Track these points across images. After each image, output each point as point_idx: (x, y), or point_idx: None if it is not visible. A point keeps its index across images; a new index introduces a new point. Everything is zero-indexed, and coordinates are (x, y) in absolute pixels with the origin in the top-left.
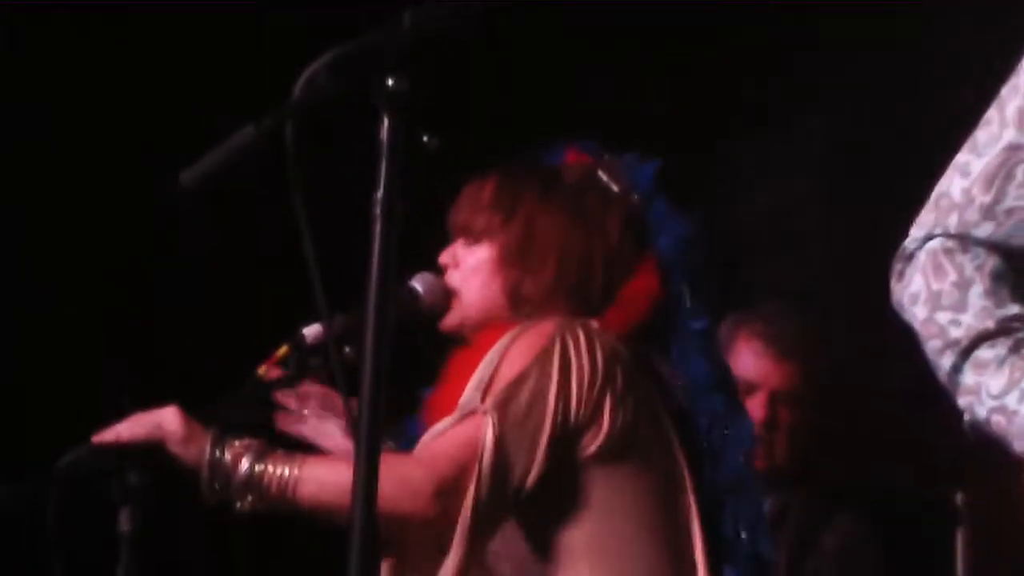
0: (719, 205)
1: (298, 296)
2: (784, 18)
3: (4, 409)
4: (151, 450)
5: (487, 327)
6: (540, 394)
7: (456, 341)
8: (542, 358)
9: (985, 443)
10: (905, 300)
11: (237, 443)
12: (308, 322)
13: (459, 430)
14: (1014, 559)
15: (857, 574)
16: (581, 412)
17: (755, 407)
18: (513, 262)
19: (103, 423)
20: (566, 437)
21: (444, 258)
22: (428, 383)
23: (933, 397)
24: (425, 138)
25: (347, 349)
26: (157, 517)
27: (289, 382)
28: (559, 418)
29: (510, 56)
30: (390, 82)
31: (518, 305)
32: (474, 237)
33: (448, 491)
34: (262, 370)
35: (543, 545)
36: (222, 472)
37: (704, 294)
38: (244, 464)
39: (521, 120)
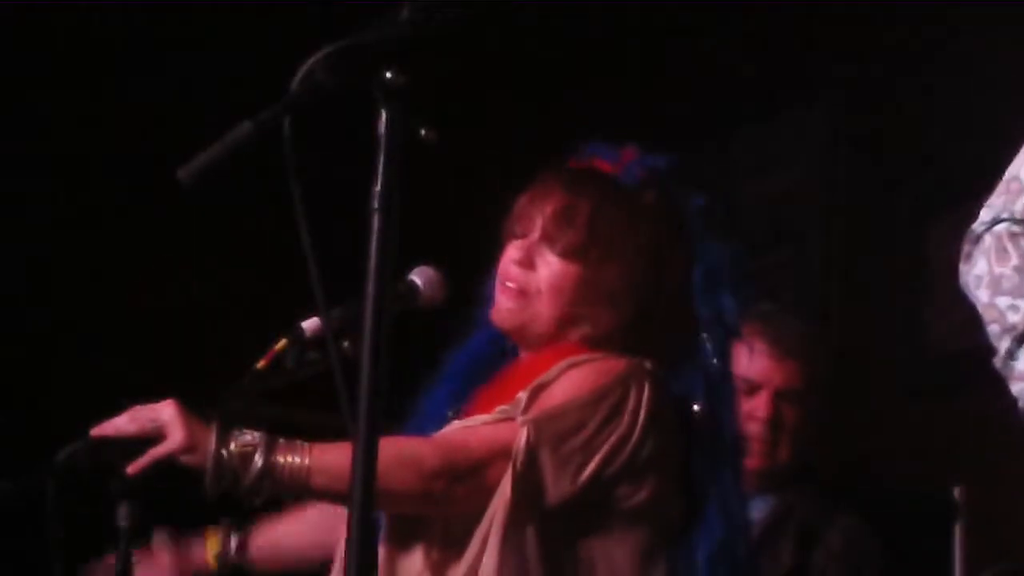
0: (717, 198)
1: (297, 290)
2: (784, 12)
3: (4, 404)
4: (149, 444)
5: (556, 345)
6: (582, 429)
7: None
8: (598, 397)
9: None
10: (970, 282)
11: (242, 439)
12: (307, 316)
13: (489, 429)
14: (1012, 553)
15: (862, 570)
16: (620, 464)
17: (758, 406)
18: (603, 298)
19: (102, 418)
20: (597, 483)
21: (518, 253)
22: (426, 376)
23: (932, 391)
24: (423, 132)
25: (345, 343)
26: (156, 512)
27: (289, 376)
28: (594, 463)
29: (508, 51)
30: (388, 76)
31: (583, 333)
32: (561, 252)
33: (455, 476)
34: (261, 364)
35: (553, 563)
36: (230, 472)
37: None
38: (256, 461)
39: (519, 115)
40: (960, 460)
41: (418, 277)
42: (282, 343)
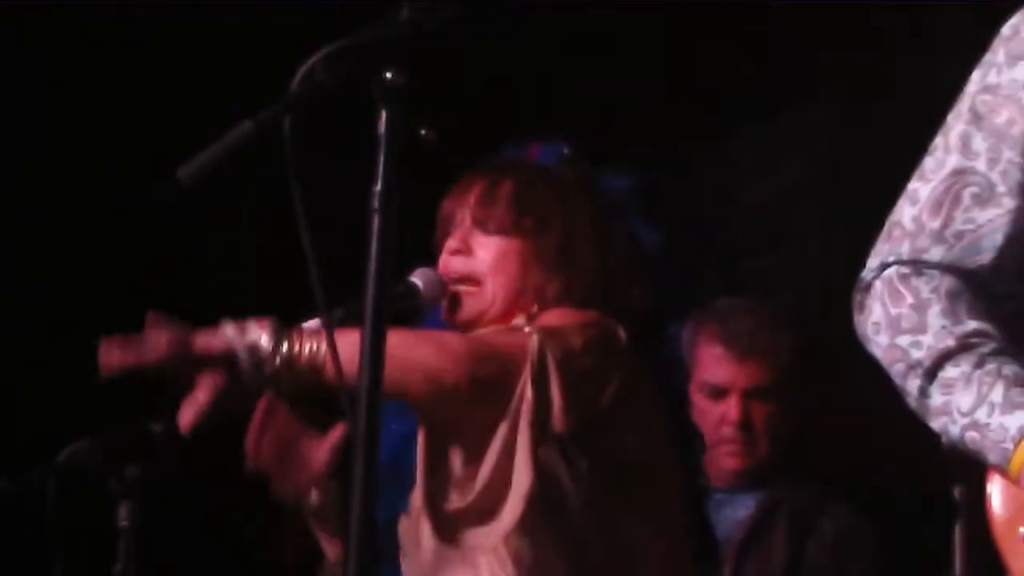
0: (718, 198)
1: (298, 290)
2: (784, 12)
3: (4, 403)
4: (149, 445)
5: (508, 316)
6: (586, 351)
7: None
8: (589, 323)
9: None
10: (868, 331)
11: (254, 324)
12: (308, 317)
13: (504, 335)
14: None
15: (856, 557)
16: (608, 395)
17: (728, 410)
18: (547, 265)
19: (102, 417)
20: (598, 415)
21: (454, 243)
22: None
23: None
24: (423, 131)
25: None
26: (155, 511)
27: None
28: (604, 395)
29: (507, 50)
30: (388, 76)
31: (544, 306)
32: (495, 231)
33: (477, 358)
34: None
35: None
36: (251, 361)
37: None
38: (278, 346)
39: (519, 115)
40: (960, 460)
41: (418, 278)
42: None
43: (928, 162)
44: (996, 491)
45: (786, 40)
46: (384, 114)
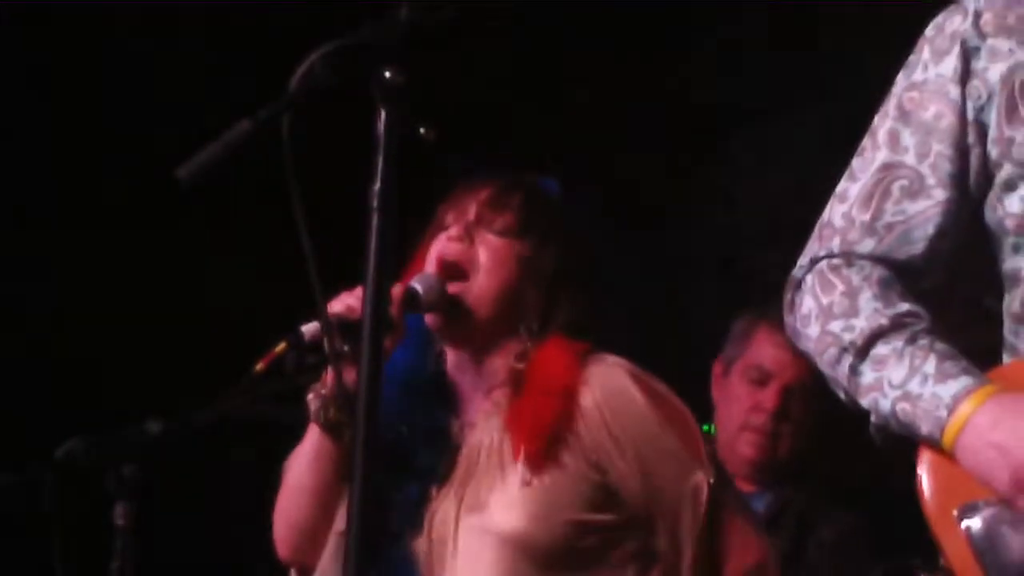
0: (718, 198)
1: (298, 290)
2: (785, 11)
3: (3, 400)
4: (146, 444)
5: (553, 346)
6: None
7: None
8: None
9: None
10: (798, 325)
11: None
12: (307, 320)
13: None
14: None
15: (853, 563)
16: None
17: (767, 398)
18: (543, 281)
19: (101, 414)
20: None
21: (456, 231)
22: None
23: None
24: (422, 130)
25: (345, 348)
26: (152, 511)
27: (287, 379)
28: None
29: (505, 50)
30: (387, 75)
31: (525, 312)
32: (500, 232)
33: None
34: (260, 367)
35: None
36: None
37: None
38: None
39: (518, 115)
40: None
41: (419, 283)
42: (281, 346)
43: (856, 163)
44: (926, 472)
45: (787, 40)
46: (383, 113)
